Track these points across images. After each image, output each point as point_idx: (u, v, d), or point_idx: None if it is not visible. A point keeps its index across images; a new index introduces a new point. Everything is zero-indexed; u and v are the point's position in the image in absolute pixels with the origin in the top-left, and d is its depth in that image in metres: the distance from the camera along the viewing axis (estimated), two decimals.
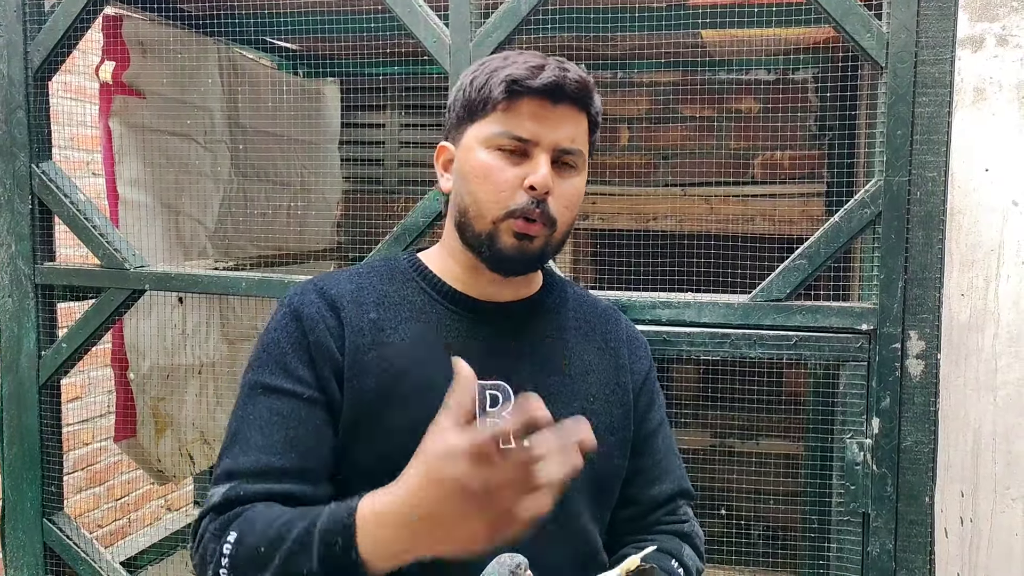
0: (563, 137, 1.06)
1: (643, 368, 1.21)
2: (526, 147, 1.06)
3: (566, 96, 1.05)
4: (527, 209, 1.05)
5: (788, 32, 2.12)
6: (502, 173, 1.06)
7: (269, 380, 1.05)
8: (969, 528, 1.79)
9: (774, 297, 1.42)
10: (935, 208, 1.36)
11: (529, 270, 1.13)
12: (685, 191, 2.51)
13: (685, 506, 1.22)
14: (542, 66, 1.05)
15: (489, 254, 1.09)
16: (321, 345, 1.06)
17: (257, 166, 2.37)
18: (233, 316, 2.30)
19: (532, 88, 1.04)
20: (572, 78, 1.05)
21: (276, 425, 1.03)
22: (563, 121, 1.06)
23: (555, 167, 1.07)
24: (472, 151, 1.08)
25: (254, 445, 1.02)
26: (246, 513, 0.98)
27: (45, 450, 1.77)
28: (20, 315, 1.76)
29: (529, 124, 1.05)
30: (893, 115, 1.35)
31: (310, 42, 2.47)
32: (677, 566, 1.12)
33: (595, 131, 1.12)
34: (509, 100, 1.05)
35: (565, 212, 1.08)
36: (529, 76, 1.04)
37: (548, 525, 1.05)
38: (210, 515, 1.01)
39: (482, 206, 1.07)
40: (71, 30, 1.69)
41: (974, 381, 1.77)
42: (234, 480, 1.01)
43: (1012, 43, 1.74)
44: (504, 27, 1.47)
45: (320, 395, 1.05)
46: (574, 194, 1.09)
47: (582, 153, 1.09)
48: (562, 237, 1.11)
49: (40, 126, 1.74)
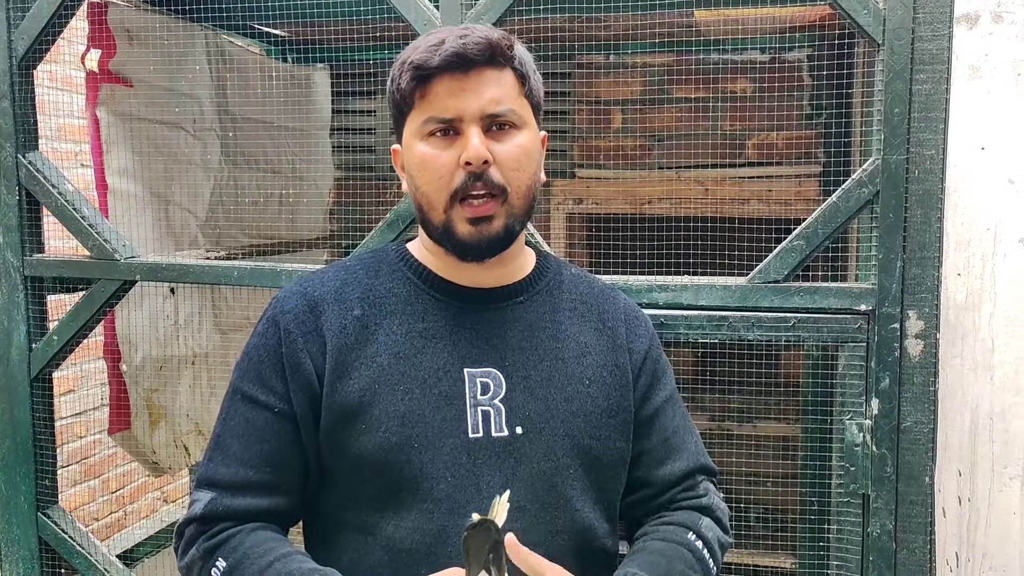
0: (486, 102, 1.04)
1: (642, 347, 1.19)
2: (454, 125, 1.04)
3: (474, 62, 1.03)
4: (469, 186, 1.03)
5: (782, 11, 2.10)
6: (438, 159, 1.05)
7: (247, 389, 1.10)
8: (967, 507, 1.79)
9: (771, 279, 1.41)
10: (933, 186, 1.35)
11: (500, 249, 1.09)
12: (679, 174, 2.49)
13: (706, 481, 1.19)
14: (442, 41, 1.03)
15: (451, 245, 1.08)
16: (294, 359, 1.08)
17: (248, 154, 2.35)
18: (225, 306, 2.29)
19: (435, 67, 1.03)
20: (473, 41, 1.02)
21: (252, 437, 1.08)
22: (481, 86, 1.04)
23: (491, 134, 1.05)
24: (411, 148, 1.08)
25: (233, 456, 1.08)
26: (234, 540, 1.05)
27: (38, 444, 1.76)
28: (10, 308, 1.74)
29: (448, 102, 1.04)
30: (890, 93, 1.34)
31: (299, 28, 2.44)
32: (694, 537, 1.10)
33: (526, 82, 1.08)
34: (422, 86, 1.04)
35: (515, 174, 1.06)
36: (429, 57, 1.03)
37: (541, 513, 1.05)
38: (195, 525, 1.07)
39: (430, 197, 1.06)
40: (55, 17, 1.67)
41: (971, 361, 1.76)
42: (215, 490, 1.07)
43: (1007, 20, 1.72)
44: (495, 8, 1.45)
45: (288, 408, 1.08)
46: (519, 153, 1.06)
47: (514, 111, 1.06)
48: (524, 202, 1.08)
49: (26, 116, 1.73)
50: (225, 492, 1.07)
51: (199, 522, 1.07)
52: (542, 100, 1.14)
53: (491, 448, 1.06)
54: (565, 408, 1.10)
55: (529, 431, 1.07)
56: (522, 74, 1.08)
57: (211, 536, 1.06)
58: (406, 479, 1.04)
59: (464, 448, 1.05)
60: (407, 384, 1.06)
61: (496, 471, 1.06)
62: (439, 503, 1.04)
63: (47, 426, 1.79)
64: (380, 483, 1.05)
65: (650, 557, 1.06)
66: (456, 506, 1.04)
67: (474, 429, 1.06)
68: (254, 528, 1.07)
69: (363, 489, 1.06)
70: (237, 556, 1.03)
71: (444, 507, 1.04)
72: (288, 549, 1.04)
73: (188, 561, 1.07)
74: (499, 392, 1.08)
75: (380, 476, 1.05)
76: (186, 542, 1.08)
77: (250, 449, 1.08)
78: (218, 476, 1.08)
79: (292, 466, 1.09)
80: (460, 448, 1.05)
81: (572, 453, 1.09)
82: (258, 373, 1.09)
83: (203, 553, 1.05)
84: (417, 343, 1.08)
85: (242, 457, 1.08)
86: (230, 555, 1.03)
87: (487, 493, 1.04)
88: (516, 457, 1.06)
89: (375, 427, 1.05)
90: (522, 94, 1.08)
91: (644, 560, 1.05)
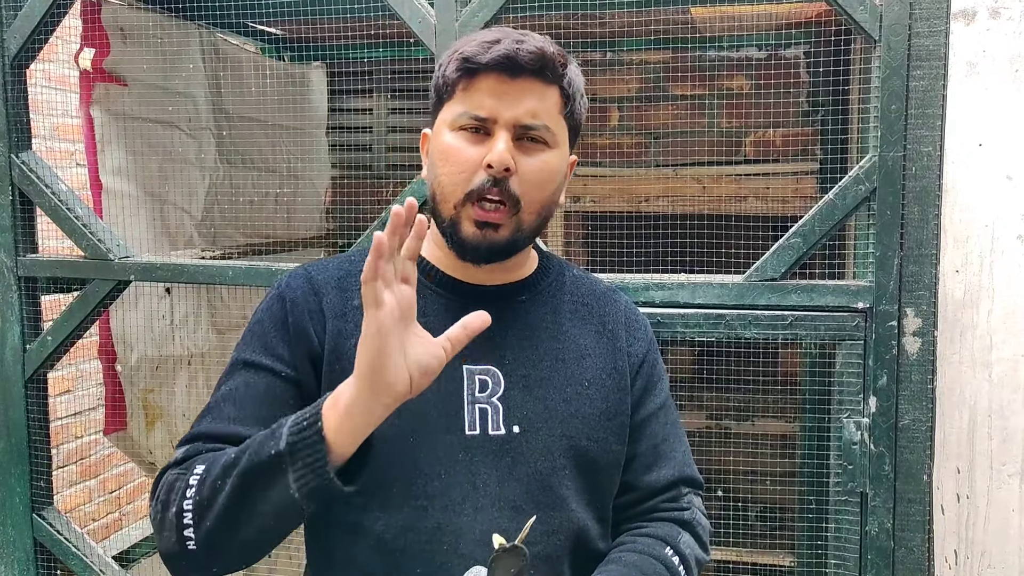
0: (523, 112, 1.02)
1: (640, 351, 1.18)
2: (486, 125, 1.03)
3: (523, 69, 1.01)
4: (485, 188, 1.02)
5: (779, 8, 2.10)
6: (462, 153, 1.03)
7: (250, 356, 1.07)
8: (966, 505, 1.79)
9: (768, 277, 1.41)
10: (930, 183, 1.34)
11: (498, 258, 1.08)
12: (677, 171, 2.49)
13: (690, 495, 1.18)
14: (498, 40, 1.02)
15: (452, 242, 1.07)
16: (300, 327, 1.07)
17: (243, 153, 2.34)
18: (222, 305, 2.28)
19: (483, 64, 1.01)
20: (527, 49, 1.01)
21: (250, 399, 1.04)
22: (523, 95, 1.02)
23: (520, 144, 1.04)
24: (440, 135, 1.07)
25: (226, 415, 1.03)
26: (206, 453, 0.98)
27: (33, 445, 1.76)
28: (4, 308, 1.73)
29: (488, 101, 1.02)
30: (887, 89, 1.33)
31: (294, 26, 2.43)
32: (671, 553, 1.10)
33: (569, 104, 1.07)
34: (466, 79, 1.03)
35: (532, 190, 1.05)
36: (480, 52, 1.01)
37: (537, 513, 1.04)
38: (171, 470, 1.01)
39: (445, 188, 1.05)
40: (48, 16, 1.66)
41: (969, 358, 1.76)
42: (199, 442, 1.02)
43: (1004, 16, 1.72)
44: (490, 6, 1.45)
45: (294, 374, 1.06)
46: (543, 170, 1.05)
47: (549, 128, 1.05)
48: (535, 219, 1.07)
49: (19, 115, 1.72)
50: (209, 441, 1.01)
51: (175, 464, 1.00)
52: (582, 124, 1.13)
53: (487, 446, 1.06)
54: (563, 409, 1.09)
55: (526, 430, 1.07)
56: (568, 95, 1.06)
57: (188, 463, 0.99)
58: (399, 474, 1.03)
59: (460, 445, 1.05)
60: None
61: (492, 469, 1.05)
62: (433, 500, 1.03)
63: (42, 427, 1.78)
64: (370, 478, 1.03)
65: (625, 570, 1.05)
66: (451, 503, 1.03)
67: (471, 426, 1.06)
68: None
69: None
70: (215, 455, 0.96)
71: (438, 504, 1.03)
72: None
73: (163, 495, 0.97)
74: (497, 390, 1.07)
75: (371, 470, 1.04)
76: (162, 483, 1.00)
77: (244, 410, 1.03)
78: (204, 431, 1.02)
79: None
80: (456, 445, 1.05)
81: (569, 454, 1.08)
82: (263, 342, 1.07)
83: (179, 472, 0.98)
84: None
85: (235, 416, 1.02)
86: (207, 459, 0.96)
87: (483, 491, 1.04)
88: (512, 456, 1.06)
89: None
90: (562, 114, 1.07)
91: (618, 572, 1.04)
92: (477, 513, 1.03)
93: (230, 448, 0.96)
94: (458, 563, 1.02)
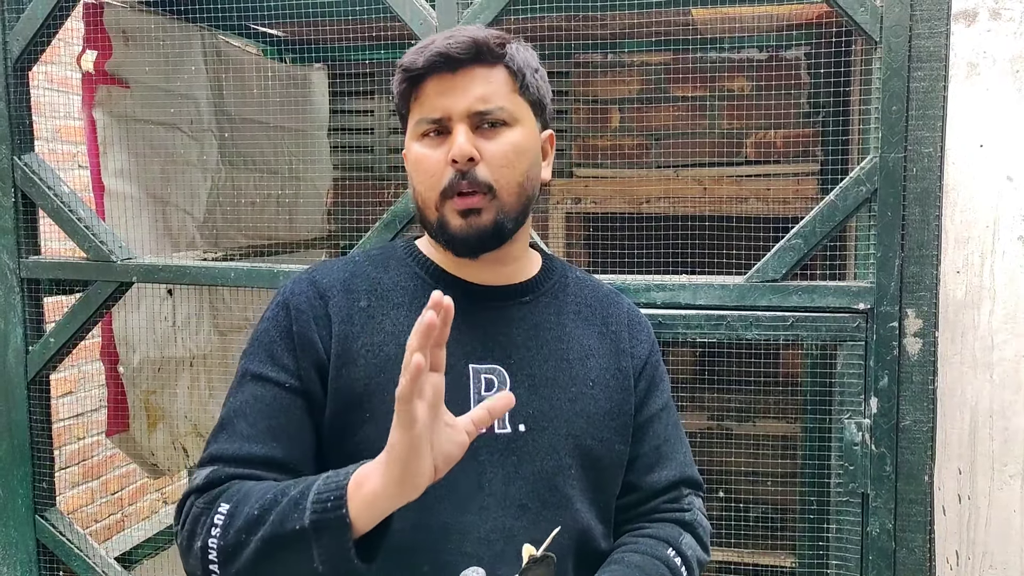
0: (473, 100, 1.04)
1: (643, 352, 1.19)
2: (444, 125, 1.05)
3: (459, 61, 1.04)
4: (456, 184, 1.04)
5: (780, 9, 2.10)
6: (429, 158, 1.06)
7: (256, 368, 1.08)
8: (967, 506, 1.79)
9: (769, 278, 1.41)
10: (931, 184, 1.35)
11: (492, 245, 1.09)
12: (678, 173, 2.49)
13: (691, 496, 1.19)
14: (431, 41, 1.05)
15: (446, 240, 1.09)
16: (305, 336, 1.07)
17: (245, 155, 2.34)
18: (224, 307, 2.28)
19: (421, 68, 1.04)
20: (458, 40, 1.03)
21: (260, 414, 1.05)
22: (469, 85, 1.04)
23: (480, 132, 1.05)
24: (409, 149, 1.10)
25: (240, 433, 1.05)
26: (236, 486, 1.00)
27: (35, 446, 1.76)
28: (6, 310, 1.74)
29: (437, 102, 1.05)
30: (888, 90, 1.34)
31: (296, 28, 2.43)
32: (674, 554, 1.10)
33: (520, 79, 1.08)
34: (413, 89, 1.06)
35: (504, 171, 1.06)
36: (415, 59, 1.04)
37: (543, 512, 1.05)
38: (194, 495, 1.03)
39: (423, 196, 1.08)
40: (50, 19, 1.67)
41: (971, 359, 1.76)
42: (218, 464, 1.04)
43: (1005, 16, 1.72)
44: (491, 8, 1.45)
45: (300, 384, 1.06)
46: (508, 150, 1.06)
47: (504, 108, 1.06)
48: (515, 200, 1.08)
49: (21, 117, 1.72)
50: (228, 464, 1.03)
51: (198, 491, 1.03)
52: (545, 98, 1.13)
53: (494, 444, 1.06)
54: (569, 408, 1.10)
55: (532, 429, 1.07)
56: (514, 71, 1.07)
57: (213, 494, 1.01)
58: None
59: None
60: None
61: (498, 467, 1.06)
62: (440, 499, 1.03)
63: (44, 429, 1.78)
64: None
65: (628, 571, 1.05)
66: (458, 502, 1.04)
67: None
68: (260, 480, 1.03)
69: None
70: (240, 495, 0.98)
71: (445, 503, 1.04)
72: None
73: (189, 525, 1.01)
74: (503, 389, 1.08)
75: None
76: (185, 512, 1.03)
77: (257, 426, 1.05)
78: (221, 452, 1.04)
79: (301, 443, 1.06)
80: None
81: (574, 453, 1.09)
82: (268, 352, 1.08)
83: (203, 507, 1.00)
84: None
85: (248, 434, 1.04)
86: (232, 497, 0.98)
87: (488, 490, 1.04)
88: (519, 455, 1.06)
89: (378, 417, 1.04)
90: (516, 91, 1.08)
91: (621, 572, 1.05)
92: (483, 511, 1.04)
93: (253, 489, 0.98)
94: (463, 561, 1.03)
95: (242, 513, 0.95)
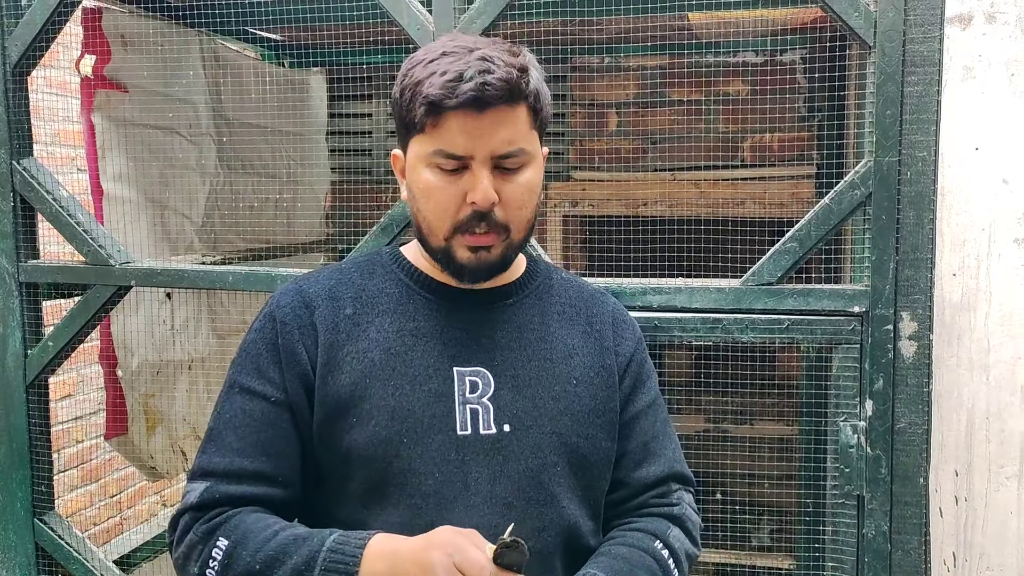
0: (498, 143, 1.03)
1: (628, 350, 1.20)
2: (463, 162, 1.04)
3: (490, 103, 1.01)
4: (472, 224, 1.05)
5: (776, 13, 2.10)
6: (443, 192, 1.05)
7: (244, 380, 1.10)
8: (964, 507, 1.79)
9: (765, 281, 1.41)
10: (925, 188, 1.35)
11: (497, 273, 1.12)
12: (675, 176, 2.50)
13: (680, 491, 1.20)
14: (461, 75, 1.00)
15: (451, 269, 1.10)
16: (289, 349, 1.10)
17: (243, 159, 2.35)
18: (222, 310, 2.29)
19: (451, 107, 1.01)
20: (493, 81, 1.00)
21: (248, 427, 1.08)
22: (495, 126, 1.02)
23: (498, 172, 1.05)
24: (416, 169, 1.08)
25: (228, 446, 1.08)
26: (234, 519, 1.04)
27: (34, 450, 1.76)
28: (5, 314, 1.74)
29: (460, 139, 1.02)
30: (882, 95, 1.34)
31: (294, 32, 2.44)
32: (661, 547, 1.11)
33: (538, 115, 1.08)
34: (433, 117, 1.03)
35: (519, 212, 1.07)
36: (447, 95, 1.00)
37: (529, 510, 1.06)
38: (190, 513, 1.07)
39: (431, 224, 1.08)
40: (49, 24, 1.67)
41: (967, 361, 1.77)
42: (210, 479, 1.07)
43: (1000, 20, 1.73)
44: (488, 12, 1.45)
45: (285, 397, 1.09)
46: (524, 192, 1.07)
47: (524, 150, 1.06)
48: (524, 236, 1.11)
49: (20, 122, 1.72)
50: (220, 480, 1.06)
51: (195, 510, 1.06)
52: (550, 116, 1.13)
53: (479, 445, 1.08)
54: (553, 407, 1.11)
55: (517, 429, 1.09)
56: (535, 108, 1.07)
57: (208, 520, 1.05)
58: (394, 474, 1.06)
59: (452, 444, 1.07)
60: (397, 380, 1.08)
61: (484, 468, 1.07)
62: (427, 499, 1.05)
63: (43, 432, 1.78)
64: (368, 478, 1.07)
65: (614, 562, 1.07)
66: (444, 502, 1.06)
67: (463, 426, 1.08)
68: (254, 510, 1.06)
69: (352, 485, 1.08)
70: (239, 533, 1.02)
71: (432, 503, 1.05)
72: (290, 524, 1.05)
73: (185, 548, 1.05)
74: (487, 391, 1.09)
75: (369, 470, 1.06)
76: (181, 530, 1.07)
77: (246, 439, 1.07)
78: (212, 466, 1.07)
79: (288, 456, 1.09)
80: (448, 444, 1.07)
81: (559, 451, 1.10)
82: (255, 365, 1.10)
83: (202, 536, 1.04)
84: (408, 341, 1.10)
85: (238, 447, 1.07)
86: (231, 533, 1.02)
87: (474, 489, 1.06)
88: (504, 454, 1.08)
89: (365, 421, 1.07)
90: (533, 127, 1.08)
91: (607, 564, 1.06)
92: (469, 511, 1.05)
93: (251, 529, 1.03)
94: None
95: (241, 559, 1.00)
